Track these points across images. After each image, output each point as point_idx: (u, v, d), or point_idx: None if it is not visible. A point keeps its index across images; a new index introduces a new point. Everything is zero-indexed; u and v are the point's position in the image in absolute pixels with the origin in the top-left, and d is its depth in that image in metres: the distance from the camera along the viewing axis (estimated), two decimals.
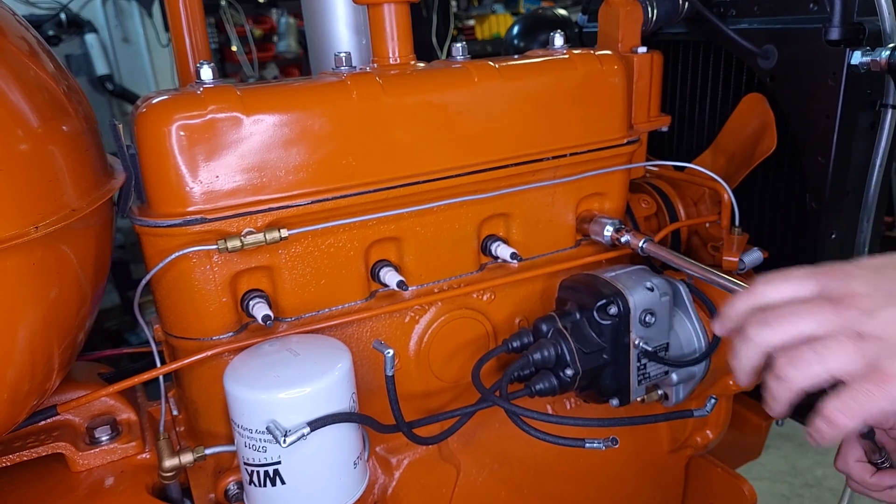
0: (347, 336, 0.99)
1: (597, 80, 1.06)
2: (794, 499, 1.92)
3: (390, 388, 0.88)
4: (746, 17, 1.25)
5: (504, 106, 0.99)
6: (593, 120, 1.07)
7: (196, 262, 0.86)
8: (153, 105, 0.83)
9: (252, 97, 0.85)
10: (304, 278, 0.93)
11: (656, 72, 1.23)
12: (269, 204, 0.87)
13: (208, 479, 0.99)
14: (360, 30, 1.22)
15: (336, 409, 0.84)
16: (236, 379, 0.83)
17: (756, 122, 1.21)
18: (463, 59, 1.04)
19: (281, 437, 0.78)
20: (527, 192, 1.05)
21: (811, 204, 1.19)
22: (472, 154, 0.98)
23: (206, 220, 0.84)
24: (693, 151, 1.42)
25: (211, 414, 0.96)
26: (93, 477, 0.92)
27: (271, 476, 0.83)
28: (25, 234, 0.66)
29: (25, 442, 0.90)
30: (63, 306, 0.76)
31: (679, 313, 1.06)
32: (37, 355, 0.75)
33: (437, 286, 1.04)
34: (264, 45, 4.44)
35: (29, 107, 0.70)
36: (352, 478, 0.89)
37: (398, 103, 0.92)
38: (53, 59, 0.80)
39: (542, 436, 0.90)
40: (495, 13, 4.44)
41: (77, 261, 0.77)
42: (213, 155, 0.83)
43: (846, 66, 1.08)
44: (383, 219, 0.95)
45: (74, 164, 0.75)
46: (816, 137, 1.15)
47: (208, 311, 0.89)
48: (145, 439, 0.96)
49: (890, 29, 1.05)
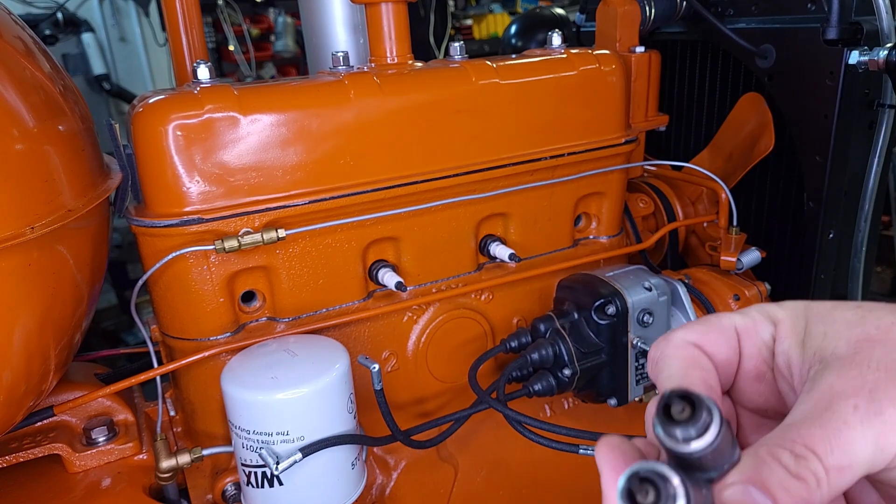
0: (345, 336, 0.98)
1: (594, 79, 1.06)
2: None
3: (380, 401, 0.88)
4: (744, 17, 1.24)
5: (502, 106, 0.99)
6: (591, 119, 1.07)
7: (193, 263, 0.86)
8: (150, 105, 0.82)
9: (249, 97, 0.84)
10: (301, 278, 0.93)
11: (654, 71, 1.23)
12: (267, 204, 0.86)
13: (206, 480, 0.99)
14: (357, 29, 1.22)
15: (334, 410, 0.84)
16: (233, 380, 0.82)
17: (754, 122, 1.21)
18: (460, 58, 1.03)
19: (273, 463, 0.78)
20: (524, 191, 1.05)
21: (809, 203, 1.19)
22: (470, 154, 0.98)
23: (203, 220, 0.84)
24: (691, 151, 1.42)
25: (208, 415, 0.96)
26: (89, 478, 0.92)
27: (269, 477, 0.83)
28: (21, 234, 0.66)
29: (22, 443, 0.90)
30: (59, 307, 0.76)
31: (677, 313, 1.06)
32: (33, 356, 0.75)
33: (434, 286, 1.03)
34: (262, 45, 4.43)
35: (25, 107, 0.70)
36: (350, 478, 0.88)
37: (396, 103, 0.92)
38: (50, 59, 0.80)
39: (537, 439, 0.90)
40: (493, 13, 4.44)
41: (73, 261, 0.77)
42: (210, 155, 0.83)
43: (844, 65, 1.08)
44: (381, 219, 0.95)
45: (71, 165, 0.75)
46: (814, 137, 1.15)
47: (205, 312, 0.89)
48: (142, 440, 0.96)
49: (887, 28, 1.05)
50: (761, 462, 0.31)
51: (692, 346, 0.37)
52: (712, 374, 0.37)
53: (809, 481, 0.30)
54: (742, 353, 0.38)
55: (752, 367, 0.38)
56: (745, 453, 0.31)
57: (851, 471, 0.30)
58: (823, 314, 0.36)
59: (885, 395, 0.31)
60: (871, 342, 0.33)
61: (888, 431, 0.30)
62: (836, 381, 0.32)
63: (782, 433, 0.31)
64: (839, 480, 0.30)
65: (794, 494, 0.30)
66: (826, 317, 0.35)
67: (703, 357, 0.37)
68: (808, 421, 0.31)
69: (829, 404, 0.31)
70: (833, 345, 0.34)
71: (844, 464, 0.30)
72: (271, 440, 0.81)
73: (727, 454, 0.30)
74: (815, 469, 0.30)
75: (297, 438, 0.81)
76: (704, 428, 0.28)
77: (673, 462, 0.30)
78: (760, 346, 0.38)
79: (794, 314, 0.37)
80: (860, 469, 0.30)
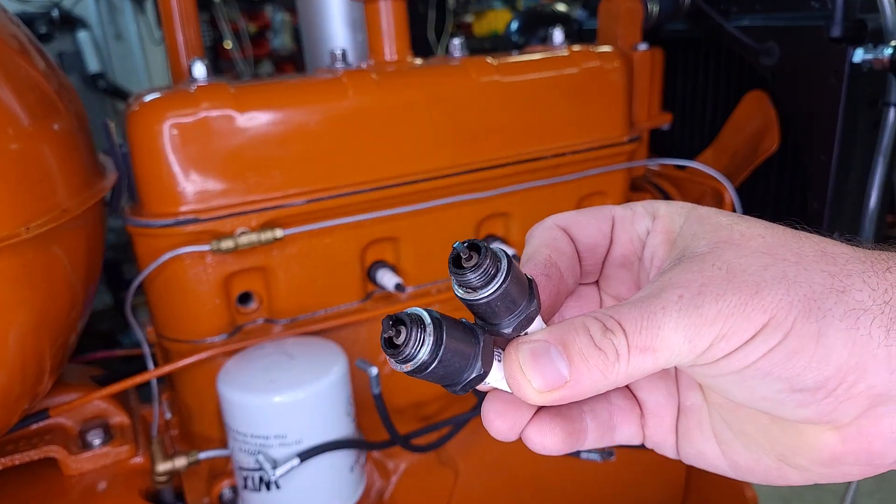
0: (343, 338, 0.97)
1: (597, 77, 1.04)
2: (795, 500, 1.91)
3: (379, 406, 0.86)
4: (748, 14, 1.23)
5: (502, 103, 0.98)
6: (593, 118, 1.06)
7: (189, 263, 0.85)
8: (145, 103, 0.81)
9: (246, 95, 0.83)
10: (299, 279, 0.92)
11: (657, 69, 1.21)
12: (264, 203, 0.85)
13: (202, 484, 0.97)
14: (356, 26, 1.21)
15: (332, 413, 0.83)
16: (230, 382, 0.81)
17: (758, 120, 1.20)
18: (461, 55, 1.02)
19: (271, 469, 0.77)
20: (526, 191, 1.04)
21: (813, 203, 1.18)
22: (470, 152, 0.97)
23: (199, 220, 0.82)
24: (695, 149, 1.41)
25: (205, 417, 0.95)
26: (85, 481, 0.91)
27: (266, 481, 0.82)
28: (16, 234, 0.65)
29: (17, 446, 0.89)
30: (54, 308, 0.75)
31: None
32: (28, 358, 0.74)
33: (434, 287, 1.02)
34: (259, 42, 4.41)
35: (19, 105, 0.69)
36: (348, 482, 0.87)
37: (394, 101, 0.91)
38: (45, 57, 0.79)
39: None
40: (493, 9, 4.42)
41: (68, 261, 0.76)
42: (206, 153, 0.82)
43: (848, 63, 1.07)
44: (380, 219, 0.94)
45: (65, 164, 0.74)
46: (818, 136, 1.14)
47: (202, 313, 0.88)
48: (138, 443, 0.95)
49: (892, 26, 1.04)
50: (570, 327, 0.30)
51: (558, 229, 0.37)
52: (565, 255, 0.36)
53: (609, 354, 0.29)
54: (613, 240, 0.38)
55: (620, 254, 0.38)
56: (563, 321, 0.31)
57: (654, 356, 0.29)
58: (704, 217, 0.34)
59: (713, 293, 0.29)
60: (727, 244, 0.31)
61: (701, 326, 0.29)
62: (676, 275, 0.31)
63: (604, 310, 0.31)
64: (640, 362, 0.29)
65: (591, 364, 0.29)
66: (704, 220, 0.34)
67: (564, 239, 0.37)
68: (631, 303, 0.30)
69: (659, 291, 0.30)
70: (695, 244, 0.33)
71: (648, 346, 0.29)
72: (269, 443, 0.80)
73: (520, 308, 0.30)
74: (618, 344, 0.29)
75: (295, 442, 0.80)
76: (489, 275, 0.28)
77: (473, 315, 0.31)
78: (633, 236, 0.37)
79: (675, 212, 0.36)
80: (664, 357, 0.29)
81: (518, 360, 0.30)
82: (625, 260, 0.38)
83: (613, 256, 0.38)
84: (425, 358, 0.28)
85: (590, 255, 0.38)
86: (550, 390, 0.30)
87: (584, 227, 0.37)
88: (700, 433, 0.36)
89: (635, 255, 0.38)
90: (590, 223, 0.38)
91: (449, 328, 0.29)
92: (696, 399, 0.37)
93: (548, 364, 0.30)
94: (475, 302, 0.29)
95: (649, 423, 0.38)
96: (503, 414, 0.34)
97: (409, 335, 0.28)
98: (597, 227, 0.38)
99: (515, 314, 0.30)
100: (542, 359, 0.30)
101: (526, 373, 0.30)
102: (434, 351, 0.28)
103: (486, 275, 0.29)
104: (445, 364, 0.28)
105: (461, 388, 0.31)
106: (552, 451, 0.35)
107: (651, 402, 0.38)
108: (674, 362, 0.30)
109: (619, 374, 0.30)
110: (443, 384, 0.30)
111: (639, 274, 0.38)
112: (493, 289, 0.29)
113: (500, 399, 0.34)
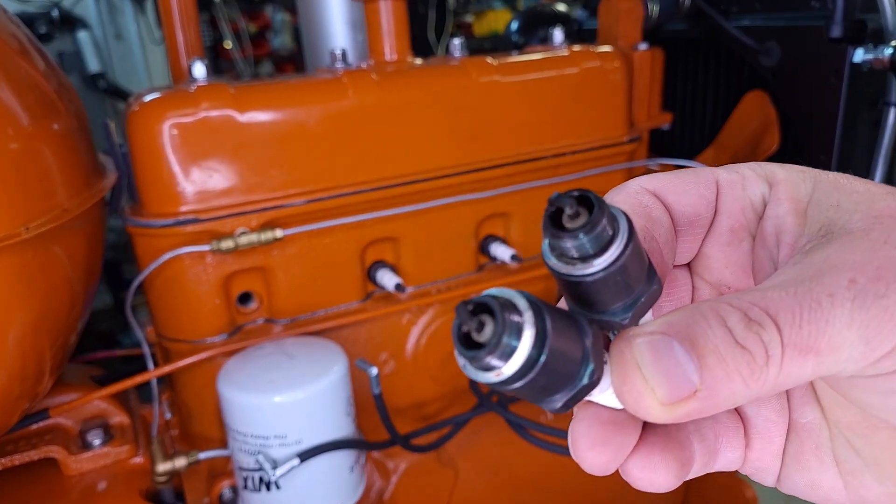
0: (343, 338, 0.97)
1: (597, 77, 1.04)
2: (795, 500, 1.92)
3: (379, 406, 0.86)
4: (748, 14, 1.23)
5: (502, 103, 0.98)
6: (593, 118, 1.06)
7: (189, 263, 0.85)
8: (145, 103, 0.81)
9: (246, 95, 0.83)
10: (299, 279, 0.92)
11: (657, 69, 1.21)
12: (264, 203, 0.85)
13: (202, 484, 0.97)
14: (356, 26, 1.21)
15: (332, 413, 0.83)
16: (230, 382, 0.81)
17: (758, 121, 1.20)
18: (461, 55, 1.02)
19: (271, 469, 0.77)
20: (526, 191, 1.04)
21: None
22: (471, 152, 0.97)
23: (199, 220, 0.82)
24: (695, 149, 1.41)
25: (205, 417, 0.95)
26: (85, 481, 0.91)
27: (266, 481, 0.82)
28: (16, 234, 0.65)
29: (17, 446, 0.89)
30: (54, 308, 0.75)
31: None
32: (28, 358, 0.73)
33: (434, 287, 1.02)
34: (259, 42, 4.40)
35: (19, 105, 0.69)
36: (348, 483, 0.87)
37: (395, 101, 0.91)
38: (45, 57, 0.79)
39: (538, 443, 0.89)
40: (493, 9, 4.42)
41: (68, 261, 0.76)
42: (206, 154, 0.82)
43: (848, 63, 1.07)
44: (380, 219, 0.94)
45: (65, 164, 0.74)
46: (819, 136, 1.14)
47: (202, 313, 0.88)
48: (138, 443, 0.95)
49: (892, 26, 1.04)
50: (697, 316, 0.22)
51: (647, 194, 0.29)
52: (661, 226, 0.28)
53: (757, 355, 0.21)
54: (718, 210, 0.29)
55: (728, 227, 0.29)
56: (681, 307, 0.23)
57: (816, 359, 0.21)
58: (838, 183, 0.26)
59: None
60: (892, 219, 0.23)
61: (885, 322, 0.21)
62: (835, 253, 0.23)
63: (740, 295, 0.22)
64: (796, 368, 0.21)
65: (731, 367, 0.21)
66: (842, 186, 0.26)
67: (657, 206, 0.29)
68: (780, 286, 0.22)
69: (817, 274, 0.22)
70: (847, 217, 0.24)
71: (811, 345, 0.21)
72: (269, 443, 0.80)
73: (640, 288, 0.22)
74: (768, 341, 0.21)
75: (295, 442, 0.80)
76: (603, 239, 0.21)
77: (568, 297, 0.22)
78: (746, 205, 0.29)
79: (798, 177, 0.28)
80: (828, 361, 0.21)
81: (636, 360, 0.22)
82: (733, 236, 0.29)
83: (719, 231, 0.29)
84: (523, 362, 0.20)
85: (688, 228, 0.29)
86: (677, 402, 0.21)
87: (680, 192, 0.29)
88: (817, 460, 0.28)
89: (747, 230, 0.29)
90: (688, 188, 0.29)
91: (552, 318, 0.20)
92: (812, 416, 0.28)
93: (674, 366, 0.21)
94: (582, 279, 0.21)
95: (755, 446, 0.29)
96: (603, 442, 0.25)
97: (498, 329, 0.19)
98: (697, 193, 0.29)
99: (634, 295, 0.22)
100: (667, 358, 0.21)
101: (647, 377, 0.21)
102: (535, 352, 0.20)
103: (599, 238, 0.21)
104: (550, 370, 0.20)
105: (563, 404, 0.22)
106: (662, 489, 0.26)
107: (759, 420, 0.29)
108: (839, 368, 0.22)
109: (766, 384, 0.21)
110: (537, 400, 0.22)
111: (750, 254, 0.29)
112: (610, 259, 0.21)
113: (596, 420, 0.25)
